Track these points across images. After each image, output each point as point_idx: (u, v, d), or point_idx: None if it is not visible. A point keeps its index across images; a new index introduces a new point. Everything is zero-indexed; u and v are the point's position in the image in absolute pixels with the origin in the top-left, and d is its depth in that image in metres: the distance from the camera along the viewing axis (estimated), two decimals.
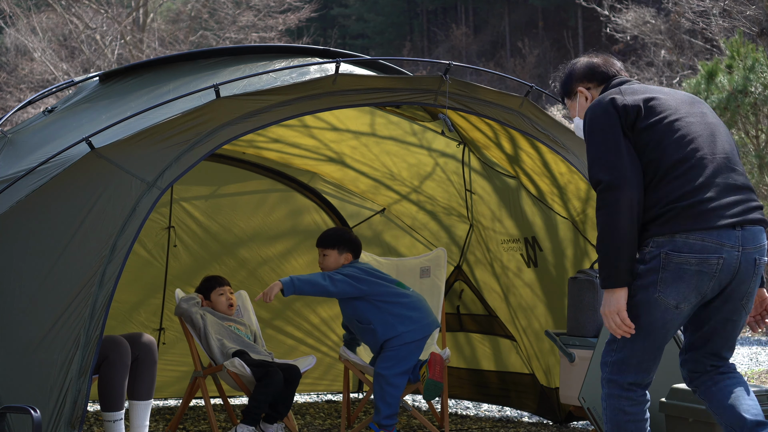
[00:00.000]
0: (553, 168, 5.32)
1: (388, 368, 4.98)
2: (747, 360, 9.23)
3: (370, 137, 6.03)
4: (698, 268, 3.32)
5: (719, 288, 3.39)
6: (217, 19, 24.17)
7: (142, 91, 4.77)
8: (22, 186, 4.00)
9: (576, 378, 4.99)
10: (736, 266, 3.36)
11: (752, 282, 3.43)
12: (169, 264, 6.68)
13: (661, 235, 3.33)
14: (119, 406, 4.42)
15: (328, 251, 5.23)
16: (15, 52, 23.90)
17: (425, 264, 5.88)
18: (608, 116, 3.43)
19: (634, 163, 3.36)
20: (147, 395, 4.61)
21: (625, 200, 3.31)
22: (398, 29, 37.27)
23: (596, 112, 3.47)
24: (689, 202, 3.32)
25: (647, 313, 3.36)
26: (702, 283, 3.34)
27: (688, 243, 3.31)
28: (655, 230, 3.34)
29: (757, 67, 11.42)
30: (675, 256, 3.31)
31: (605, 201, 3.33)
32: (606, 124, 3.42)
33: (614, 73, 3.71)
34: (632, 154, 3.38)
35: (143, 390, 4.59)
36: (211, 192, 6.71)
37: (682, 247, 3.32)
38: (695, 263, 3.32)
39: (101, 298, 3.84)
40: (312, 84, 4.35)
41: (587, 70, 3.74)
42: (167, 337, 6.72)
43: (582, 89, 3.73)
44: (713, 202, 3.34)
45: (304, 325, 7.02)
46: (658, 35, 22.01)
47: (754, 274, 3.41)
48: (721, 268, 3.34)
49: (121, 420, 4.42)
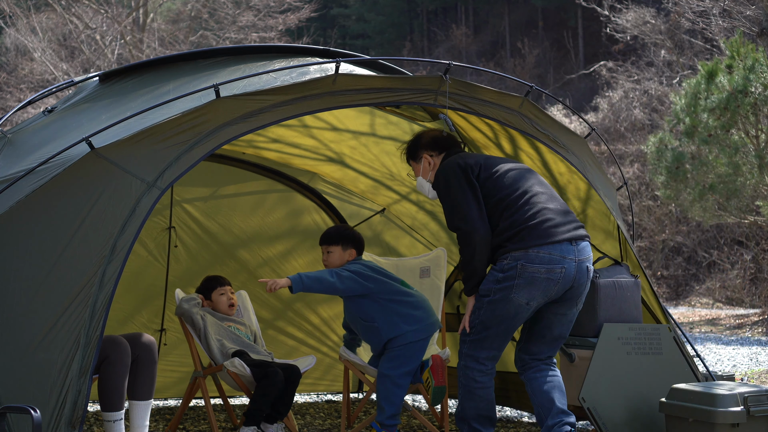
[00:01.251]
0: (553, 168, 5.32)
1: (393, 368, 4.97)
2: (747, 360, 9.22)
3: (369, 137, 6.03)
4: (547, 276, 4.28)
5: (562, 291, 4.36)
6: (217, 19, 24.17)
7: (142, 91, 4.77)
8: (22, 186, 4.00)
9: (576, 378, 4.99)
10: (574, 274, 4.34)
11: (585, 285, 4.42)
12: (170, 265, 6.68)
13: (517, 250, 4.30)
14: (119, 406, 4.42)
15: (332, 248, 5.23)
16: (15, 52, 23.90)
17: (425, 264, 5.88)
18: (457, 175, 4.47)
19: (481, 209, 4.41)
20: (147, 395, 4.60)
21: (478, 240, 4.36)
22: (398, 29, 37.27)
23: (448, 172, 4.51)
24: (536, 222, 4.32)
25: (503, 308, 4.35)
26: (548, 288, 4.31)
27: (539, 256, 4.28)
28: (512, 246, 4.31)
29: (757, 67, 11.42)
30: (528, 266, 4.28)
31: (465, 241, 4.39)
32: (458, 182, 4.45)
33: (452, 144, 4.75)
34: (479, 200, 4.42)
35: (143, 390, 4.59)
36: (211, 192, 6.71)
37: (534, 259, 4.28)
38: (544, 272, 4.28)
39: (101, 298, 3.83)
40: (312, 84, 4.34)
41: (432, 141, 4.76)
42: (168, 338, 6.73)
43: (426, 155, 4.74)
44: (552, 222, 4.34)
45: (305, 325, 7.03)
46: (658, 35, 22.01)
47: (587, 279, 4.41)
48: (563, 275, 4.31)
49: (121, 420, 4.41)
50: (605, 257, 5.31)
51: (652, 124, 21.66)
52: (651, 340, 5.02)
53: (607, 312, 5.02)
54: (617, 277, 5.11)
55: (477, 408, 4.44)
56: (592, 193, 5.28)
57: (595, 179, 5.15)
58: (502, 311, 4.36)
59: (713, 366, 8.81)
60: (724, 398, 4.44)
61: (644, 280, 5.28)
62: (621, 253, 5.34)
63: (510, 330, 4.43)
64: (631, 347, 4.98)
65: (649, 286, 5.29)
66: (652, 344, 5.02)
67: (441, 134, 4.78)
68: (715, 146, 12.13)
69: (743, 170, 12.06)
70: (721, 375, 5.51)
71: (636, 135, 21.76)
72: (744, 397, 4.46)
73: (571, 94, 27.81)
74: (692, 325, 13.40)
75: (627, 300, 5.08)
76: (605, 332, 4.94)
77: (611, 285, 5.05)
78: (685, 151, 12.64)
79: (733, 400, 4.44)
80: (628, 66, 24.08)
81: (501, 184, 4.46)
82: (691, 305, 17.25)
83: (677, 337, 5.10)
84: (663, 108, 21.39)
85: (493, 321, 4.40)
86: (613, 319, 5.03)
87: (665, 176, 12.83)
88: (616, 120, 22.59)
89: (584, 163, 5.10)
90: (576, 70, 28.61)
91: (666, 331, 5.07)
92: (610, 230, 5.36)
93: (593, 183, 5.10)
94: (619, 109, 22.75)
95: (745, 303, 16.50)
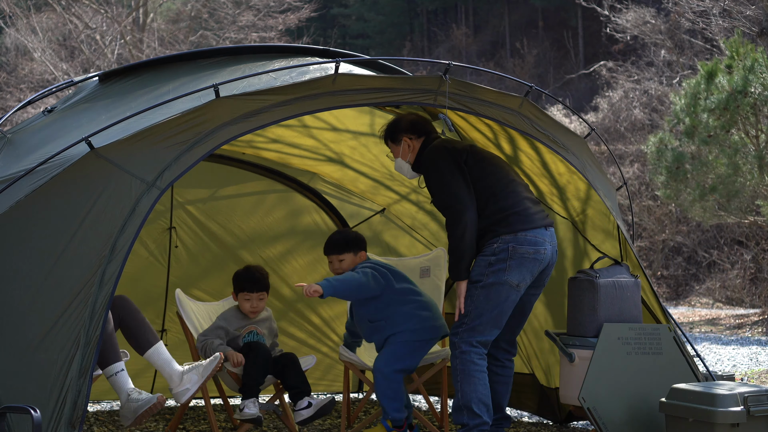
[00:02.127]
0: (552, 168, 5.32)
1: (386, 364, 4.92)
2: (747, 360, 9.22)
3: (369, 137, 6.03)
4: (534, 257, 4.66)
5: (539, 272, 4.75)
6: (217, 19, 24.16)
7: (141, 91, 4.77)
8: (22, 186, 4.00)
9: (576, 378, 4.99)
10: (550, 256, 4.77)
11: (552, 268, 4.85)
12: (171, 265, 6.68)
13: (507, 233, 4.64)
14: (116, 357, 4.49)
15: (345, 255, 5.19)
16: (15, 52, 23.90)
17: (425, 264, 5.88)
18: (445, 157, 4.74)
19: (470, 191, 4.69)
20: (153, 339, 4.71)
21: (469, 219, 4.63)
22: (398, 29, 37.23)
23: (436, 155, 4.77)
24: (519, 209, 4.70)
25: (496, 291, 4.62)
26: (534, 268, 4.69)
27: (527, 238, 4.66)
28: (502, 230, 4.65)
29: (756, 68, 11.42)
30: (519, 248, 4.63)
31: (455, 220, 4.63)
32: (446, 164, 4.71)
33: (431, 129, 4.99)
34: (468, 183, 4.70)
35: (146, 338, 4.70)
36: (210, 193, 6.71)
37: (523, 242, 4.65)
38: (532, 253, 4.66)
39: (101, 298, 3.84)
40: (311, 84, 4.34)
41: (411, 125, 4.98)
42: (170, 339, 6.72)
43: (406, 138, 4.97)
44: (532, 209, 4.75)
45: (306, 326, 7.03)
46: (658, 35, 22.00)
47: (554, 262, 4.84)
48: (545, 256, 4.71)
49: (123, 370, 4.50)
50: (605, 257, 5.31)
51: (652, 124, 21.65)
52: (651, 340, 5.02)
53: (607, 312, 5.02)
54: (617, 277, 5.10)
55: (476, 392, 4.59)
56: (591, 193, 5.28)
57: (595, 179, 5.15)
58: (495, 295, 4.62)
59: (713, 366, 8.80)
60: (724, 398, 4.44)
61: (644, 279, 5.27)
62: (621, 252, 5.34)
63: (503, 315, 4.68)
64: (631, 347, 4.98)
65: (649, 286, 5.29)
66: (652, 344, 5.02)
67: (419, 118, 5.06)
68: (715, 146, 12.12)
69: (743, 170, 12.06)
70: (721, 375, 5.51)
71: (636, 135, 21.75)
72: (744, 397, 4.46)
73: (571, 94, 27.80)
74: (692, 325, 13.40)
75: (627, 300, 5.08)
76: (605, 332, 4.94)
77: (611, 285, 5.05)
78: (685, 151, 12.64)
79: (733, 400, 4.44)
80: (628, 66, 24.07)
81: (488, 171, 4.78)
82: (691, 305, 17.25)
83: (677, 337, 5.10)
84: (663, 108, 21.38)
85: (487, 307, 4.63)
86: (613, 319, 5.02)
87: (665, 176, 12.82)
88: (616, 120, 22.58)
89: (584, 163, 5.10)
90: (576, 70, 28.60)
91: (666, 331, 5.07)
92: (610, 230, 5.36)
93: (593, 183, 5.10)
94: (619, 109, 22.73)
95: (745, 303, 16.49)
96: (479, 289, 4.64)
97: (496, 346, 4.90)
